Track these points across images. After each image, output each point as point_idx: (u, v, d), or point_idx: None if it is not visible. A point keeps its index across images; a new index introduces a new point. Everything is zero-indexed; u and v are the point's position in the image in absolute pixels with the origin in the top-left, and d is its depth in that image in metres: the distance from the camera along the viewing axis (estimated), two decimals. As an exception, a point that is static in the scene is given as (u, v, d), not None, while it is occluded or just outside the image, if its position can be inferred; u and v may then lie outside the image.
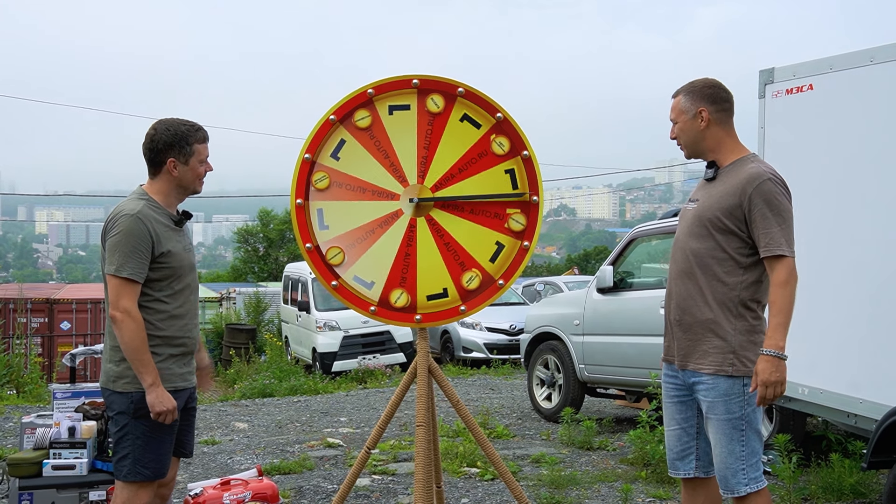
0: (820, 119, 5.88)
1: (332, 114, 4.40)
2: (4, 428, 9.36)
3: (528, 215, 4.41)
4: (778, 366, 3.57)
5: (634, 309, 8.59)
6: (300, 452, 8.08)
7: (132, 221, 3.79)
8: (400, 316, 4.42)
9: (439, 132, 4.40)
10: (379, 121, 4.41)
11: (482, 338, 17.38)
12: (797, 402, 6.06)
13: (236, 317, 22.67)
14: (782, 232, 3.65)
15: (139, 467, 3.84)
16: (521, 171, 4.40)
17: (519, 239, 4.41)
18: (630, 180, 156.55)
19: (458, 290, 4.40)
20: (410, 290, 4.40)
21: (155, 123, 4.01)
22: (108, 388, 3.89)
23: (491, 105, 4.38)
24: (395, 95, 4.41)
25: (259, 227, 47.83)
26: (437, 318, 4.44)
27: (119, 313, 3.74)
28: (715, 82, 3.94)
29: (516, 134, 4.39)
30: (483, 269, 4.41)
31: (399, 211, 4.42)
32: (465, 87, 4.37)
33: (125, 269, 3.76)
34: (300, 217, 4.42)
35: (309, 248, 4.43)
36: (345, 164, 4.42)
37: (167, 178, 3.98)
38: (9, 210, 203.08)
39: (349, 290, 4.43)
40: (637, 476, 6.85)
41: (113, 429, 3.91)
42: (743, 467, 3.73)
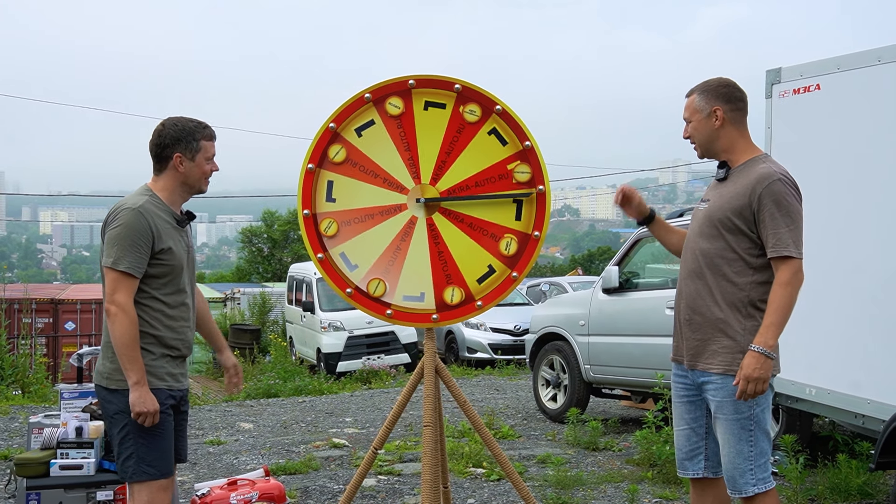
0: (827, 119, 5.87)
1: (369, 93, 4.40)
2: (10, 428, 9.37)
3: (525, 246, 4.41)
4: (763, 363, 3.58)
5: (640, 309, 8.58)
6: (305, 453, 8.08)
7: (133, 215, 3.74)
8: (372, 306, 4.43)
9: (466, 141, 4.39)
10: (411, 113, 4.40)
11: (487, 338, 17.38)
12: (804, 402, 6.05)
13: (241, 317, 22.69)
14: (790, 233, 3.64)
15: (144, 466, 3.77)
16: (532, 205, 4.39)
17: (509, 267, 4.40)
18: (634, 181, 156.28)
19: (437, 300, 4.40)
20: (391, 282, 4.41)
21: (163, 120, 3.99)
22: (103, 384, 3.82)
23: (522, 131, 4.36)
24: (435, 94, 4.41)
25: (263, 227, 47.89)
26: (406, 318, 4.44)
27: (113, 307, 3.68)
28: (730, 82, 3.92)
29: (538, 166, 4.37)
30: (467, 287, 4.41)
31: (403, 205, 4.43)
32: (504, 106, 4.36)
33: (123, 263, 3.69)
34: (307, 182, 4.42)
35: (306, 215, 4.44)
36: (366, 143, 4.43)
37: (173, 174, 3.93)
38: (13, 210, 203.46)
39: (332, 267, 4.44)
40: (643, 477, 6.84)
41: (113, 430, 3.83)
42: (751, 468, 3.72)
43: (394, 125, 4.42)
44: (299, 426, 9.90)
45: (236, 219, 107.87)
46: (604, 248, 58.76)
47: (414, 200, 4.42)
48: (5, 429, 9.31)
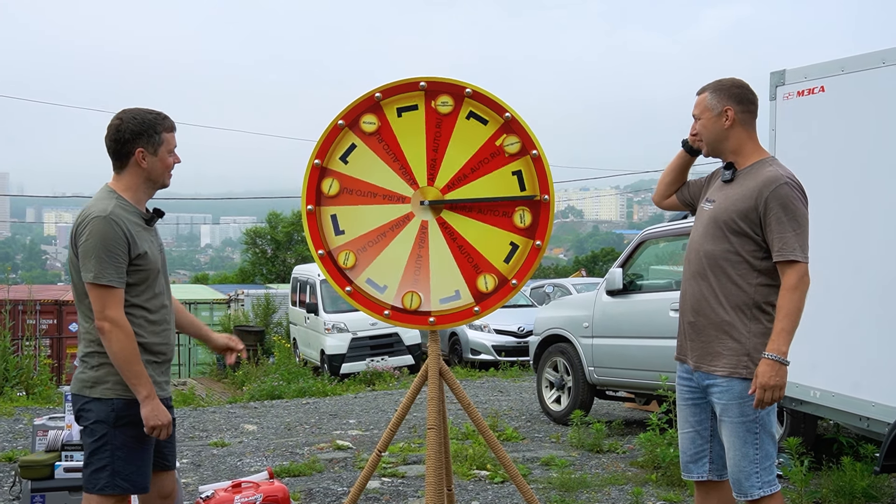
0: (831, 121, 5.86)
1: (341, 118, 4.40)
2: (15, 429, 9.38)
3: (538, 214, 4.39)
4: (778, 370, 3.57)
5: (644, 311, 8.57)
6: (309, 454, 8.08)
7: (104, 224, 3.55)
8: (413, 319, 4.42)
9: (448, 133, 4.38)
10: (387, 124, 4.40)
11: (490, 340, 17.38)
12: (809, 404, 6.04)
13: (245, 319, 22.70)
14: (796, 237, 3.63)
15: (118, 480, 3.59)
16: (531, 171, 4.36)
17: (529, 237, 4.40)
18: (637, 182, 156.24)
19: (473, 292, 4.40)
20: (424, 292, 4.40)
21: (119, 113, 3.76)
22: (84, 395, 3.64)
23: (498, 105, 4.34)
24: (404, 98, 4.40)
25: (267, 229, 47.91)
26: (450, 319, 4.44)
27: (107, 323, 3.52)
28: (743, 83, 3.90)
29: (525, 133, 4.34)
30: (497, 270, 4.39)
31: (410, 214, 4.42)
32: (473, 88, 4.34)
33: (104, 277, 3.53)
34: (311, 223, 4.43)
35: (322, 255, 4.43)
36: (354, 168, 4.42)
37: (135, 171, 3.72)
38: (17, 212, 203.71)
39: (363, 296, 4.43)
40: (647, 479, 6.83)
41: (88, 439, 3.64)
42: (756, 470, 3.72)
43: (374, 141, 4.41)
44: (303, 428, 9.91)
45: (240, 220, 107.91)
46: (607, 250, 58.76)
47: (418, 205, 4.41)
48: (9, 430, 9.32)
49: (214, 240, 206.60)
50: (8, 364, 12.29)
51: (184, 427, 9.89)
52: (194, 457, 8.06)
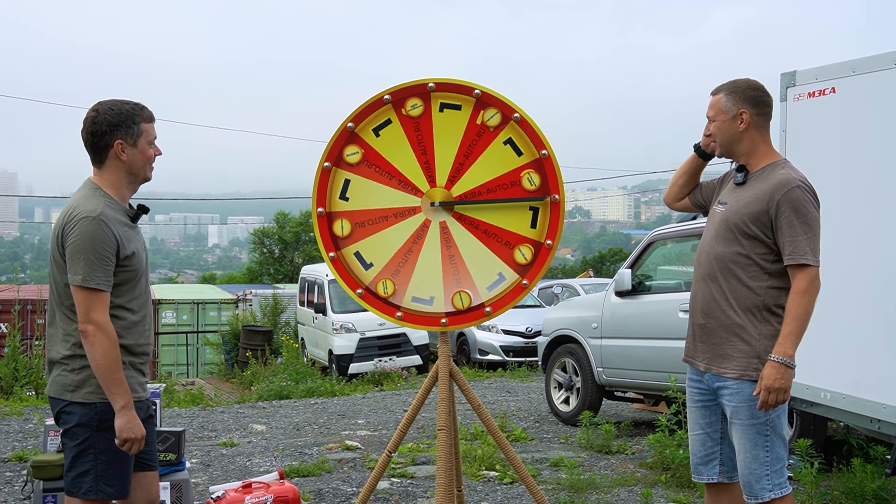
0: (842, 122, 5.85)
1: (388, 94, 4.41)
2: (25, 429, 9.41)
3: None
4: (784, 373, 3.56)
5: (653, 312, 8.57)
6: (318, 455, 8.09)
7: (94, 225, 3.44)
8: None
9: (483, 147, 4.39)
10: (429, 115, 4.41)
11: (498, 340, 17.38)
12: (819, 406, 6.03)
13: (252, 319, 22.74)
14: (808, 241, 3.62)
15: (102, 485, 3.51)
16: (546, 214, 4.39)
17: (520, 274, 4.40)
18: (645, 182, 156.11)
19: (446, 302, 4.42)
20: (400, 284, 4.43)
21: (94, 105, 3.64)
22: (65, 398, 3.53)
23: (539, 139, 4.35)
24: (451, 97, 4.41)
25: (275, 229, 47.99)
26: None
27: (91, 326, 3.41)
28: (758, 84, 3.88)
29: (554, 175, 4.36)
30: (476, 292, 4.41)
31: (417, 208, 4.44)
32: (522, 115, 4.35)
33: (93, 279, 3.43)
34: (322, 180, 4.44)
35: (320, 213, 4.46)
36: (383, 143, 4.44)
37: (115, 164, 3.61)
38: (26, 212, 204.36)
39: (345, 267, 4.46)
40: (657, 480, 6.83)
41: (70, 442, 3.54)
42: (767, 473, 3.71)
43: (411, 127, 4.42)
44: (312, 428, 9.92)
45: (248, 220, 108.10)
46: (615, 250, 58.76)
47: (429, 204, 4.43)
48: (20, 430, 9.35)
49: (222, 240, 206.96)
50: (18, 364, 12.33)
51: (192, 427, 9.91)
52: (204, 457, 8.08)
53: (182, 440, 5.18)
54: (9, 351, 12.50)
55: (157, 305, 25.28)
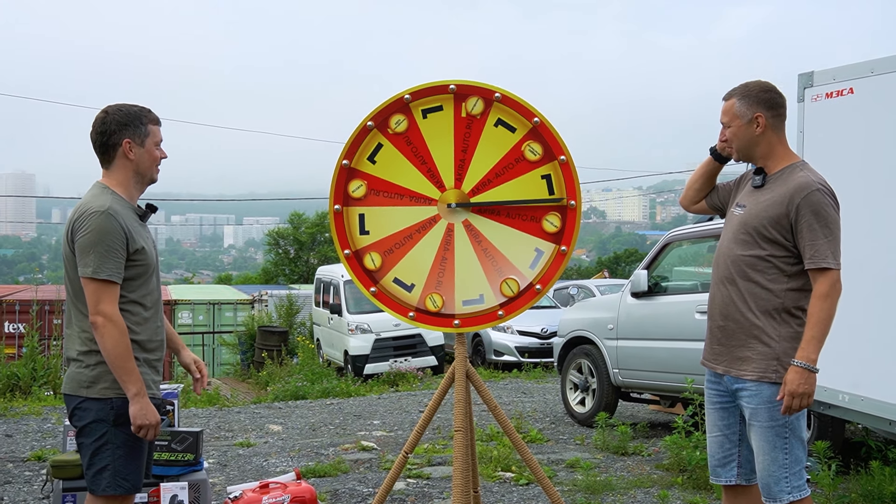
0: (860, 123, 5.82)
1: (370, 120, 4.42)
2: (43, 429, 9.47)
3: (565, 219, 4.40)
4: (807, 378, 3.55)
5: (669, 313, 8.54)
6: (335, 455, 8.11)
7: (104, 218, 3.52)
8: (438, 321, 4.45)
9: (476, 137, 4.40)
10: (415, 125, 4.42)
11: (514, 341, 17.37)
12: (837, 408, 6.00)
13: (268, 319, 22.80)
14: (829, 244, 3.61)
15: (119, 479, 3.56)
16: (559, 175, 4.38)
17: (556, 242, 4.40)
18: (660, 182, 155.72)
19: (496, 295, 4.42)
20: (447, 294, 4.43)
21: (104, 108, 3.75)
22: (80, 394, 3.57)
23: (527, 110, 4.36)
24: (430, 101, 4.41)
25: (290, 229, 48.11)
26: (475, 322, 4.46)
27: (101, 318, 3.47)
28: (770, 86, 3.86)
29: (553, 138, 4.36)
30: (522, 275, 4.41)
31: (437, 216, 4.45)
32: (502, 92, 4.36)
33: (103, 271, 3.48)
34: (338, 223, 4.46)
35: (347, 255, 4.47)
36: (381, 168, 4.45)
37: (123, 164, 3.70)
38: (43, 213, 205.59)
39: (388, 297, 4.46)
40: (673, 482, 6.81)
41: (87, 439, 3.58)
42: (786, 475, 3.70)
43: (402, 142, 4.43)
44: (328, 428, 9.94)
45: (263, 221, 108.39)
46: (630, 251, 58.63)
47: (445, 206, 4.43)
48: (38, 430, 9.42)
49: (238, 240, 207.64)
50: (36, 364, 12.42)
51: (209, 427, 9.95)
52: (220, 457, 8.11)
53: (200, 440, 5.21)
54: (27, 351, 12.59)
55: (174, 306, 25.38)
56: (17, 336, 19.15)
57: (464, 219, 4.44)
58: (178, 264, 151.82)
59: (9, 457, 8.01)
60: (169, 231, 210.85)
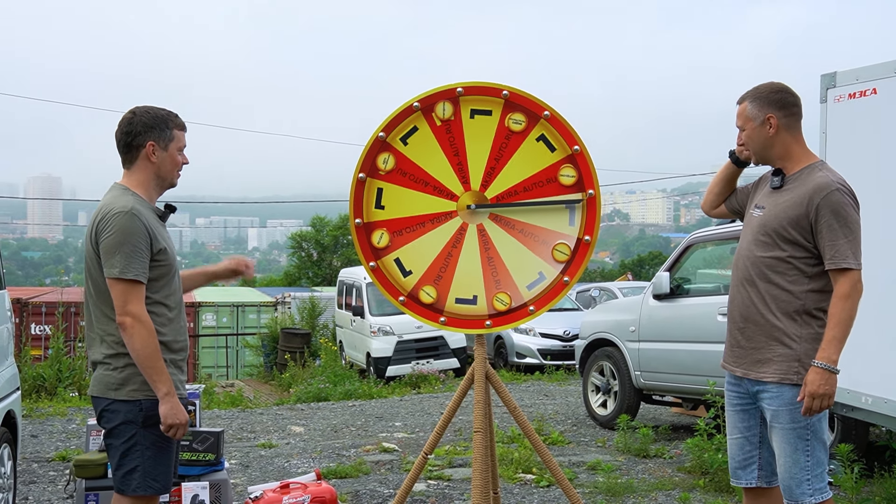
0: (884, 123, 5.77)
1: (417, 101, 4.43)
2: (68, 429, 9.56)
3: (576, 251, 4.43)
4: (828, 379, 3.53)
5: (691, 315, 8.50)
6: (356, 457, 8.13)
7: (127, 219, 3.51)
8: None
9: (514, 148, 4.42)
10: (459, 119, 4.43)
11: (536, 343, 17.34)
12: (860, 411, 5.95)
13: (291, 321, 22.89)
14: (849, 244, 3.58)
15: (149, 480, 3.59)
16: (583, 210, 4.41)
17: (561, 272, 4.43)
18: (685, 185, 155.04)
19: (489, 304, 4.46)
20: (442, 289, 4.47)
21: (132, 108, 3.77)
22: (109, 397, 3.58)
23: (571, 135, 4.37)
24: (481, 101, 4.42)
25: (313, 232, 48.29)
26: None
27: (129, 318, 3.47)
28: (781, 86, 3.84)
29: (588, 171, 4.39)
30: (518, 293, 4.43)
31: (454, 212, 4.47)
32: (551, 111, 4.37)
33: (130, 271, 3.48)
34: (358, 192, 4.48)
35: (358, 224, 4.50)
36: (412, 150, 4.46)
37: (145, 165, 3.71)
38: (70, 215, 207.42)
39: (384, 274, 4.49)
40: (695, 485, 6.78)
41: (116, 441, 3.60)
42: (808, 477, 3.67)
43: (442, 130, 4.44)
44: (349, 430, 9.97)
45: (287, 223, 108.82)
46: (654, 253, 58.35)
47: (465, 207, 4.45)
48: (63, 430, 9.51)
49: (261, 243, 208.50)
50: (61, 365, 12.55)
51: (232, 428, 10.01)
52: (242, 458, 8.16)
53: (221, 440, 5.24)
54: (52, 353, 12.72)
55: (198, 308, 25.53)
56: (43, 338, 19.33)
57: (479, 222, 4.46)
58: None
59: (34, 457, 8.09)
60: (193, 233, 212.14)
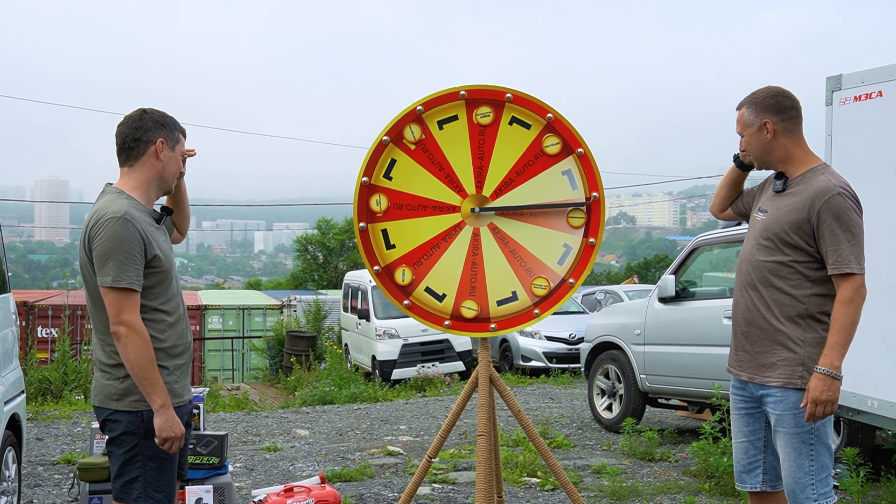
0: (889, 126, 5.75)
1: (385, 135, 4.42)
2: (73, 432, 9.57)
3: (590, 212, 4.40)
4: (831, 385, 3.51)
5: (697, 319, 8.48)
6: (361, 460, 8.12)
7: (120, 224, 3.42)
8: (474, 327, 4.45)
9: (492, 140, 4.41)
10: (431, 135, 4.42)
11: (541, 346, 17.33)
12: (866, 414, 5.93)
13: (297, 324, 22.91)
14: (851, 249, 3.56)
15: (151, 491, 3.53)
16: (579, 169, 4.39)
17: (583, 235, 4.41)
18: (691, 188, 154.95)
19: (529, 294, 4.43)
20: (481, 298, 4.44)
21: (141, 108, 3.71)
22: (110, 407, 3.53)
23: (540, 106, 4.37)
24: (444, 109, 4.41)
25: (319, 235, 48.30)
26: (511, 324, 4.46)
27: (123, 328, 3.39)
28: (777, 90, 3.82)
29: (569, 132, 4.37)
30: (552, 272, 4.41)
31: (461, 223, 4.45)
32: (513, 92, 4.36)
33: (123, 279, 3.40)
34: (364, 240, 4.46)
35: (377, 271, 4.47)
36: (399, 182, 4.44)
37: (150, 164, 3.63)
38: (76, 218, 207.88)
39: (422, 308, 4.47)
40: (700, 488, 6.76)
41: (118, 450, 3.55)
42: (812, 482, 3.66)
43: (419, 152, 4.42)
44: (354, 433, 9.97)
45: (293, 226, 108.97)
46: (660, 256, 58.25)
47: (469, 208, 4.43)
48: (68, 433, 9.52)
49: (268, 246, 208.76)
50: (67, 368, 12.57)
51: (237, 431, 10.01)
52: (247, 461, 8.16)
53: (225, 444, 5.24)
54: (58, 356, 12.74)
55: (204, 311, 25.58)
56: (49, 341, 19.37)
57: (489, 222, 4.44)
58: (210, 270, 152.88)
59: (39, 460, 8.11)
60: (200, 237, 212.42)
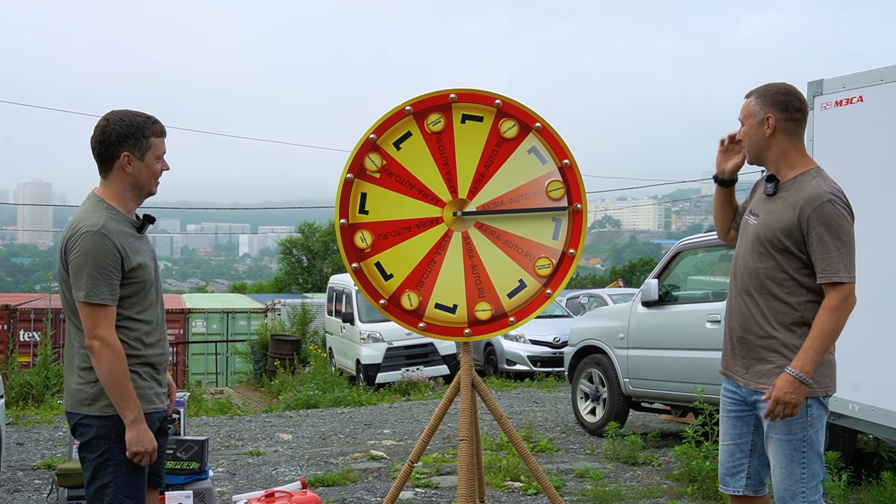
0: (870, 131, 5.78)
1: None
2: (54, 437, 9.51)
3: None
4: (797, 389, 3.48)
5: (680, 322, 8.50)
6: (344, 464, 8.10)
7: (96, 239, 3.40)
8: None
9: (451, 143, 4.44)
10: (391, 159, 4.45)
11: (526, 350, 17.33)
12: (848, 418, 5.95)
13: (281, 328, 22.84)
14: (841, 256, 3.51)
15: (122, 497, 3.49)
16: (543, 143, 4.44)
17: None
18: (675, 191, 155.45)
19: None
20: (491, 297, 4.47)
21: (107, 114, 3.59)
22: (81, 412, 3.50)
23: (485, 97, 4.41)
24: (396, 130, 4.44)
25: (302, 238, 48.21)
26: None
27: (97, 342, 3.38)
28: (790, 89, 3.74)
29: (521, 112, 4.43)
30: (551, 248, 4.44)
31: (448, 231, 4.46)
32: (455, 91, 4.40)
33: (97, 295, 3.39)
34: (362, 280, 4.48)
35: (384, 305, 4.48)
36: (376, 213, 4.46)
37: (120, 176, 3.56)
38: (60, 221, 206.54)
39: (438, 325, 4.49)
40: (683, 492, 6.76)
41: (89, 455, 3.51)
42: (803, 490, 3.62)
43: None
44: (338, 437, 9.93)
45: (278, 230, 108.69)
46: (645, 260, 58.40)
47: (451, 214, 4.43)
48: (49, 438, 9.45)
49: (253, 249, 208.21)
50: (49, 372, 12.49)
51: (220, 436, 9.96)
52: (230, 465, 8.12)
53: (205, 449, 5.21)
54: (40, 359, 12.66)
55: (188, 314, 25.48)
56: (32, 344, 19.25)
57: (464, 230, 4.45)
58: (194, 273, 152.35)
59: (19, 465, 8.04)
60: (184, 240, 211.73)
